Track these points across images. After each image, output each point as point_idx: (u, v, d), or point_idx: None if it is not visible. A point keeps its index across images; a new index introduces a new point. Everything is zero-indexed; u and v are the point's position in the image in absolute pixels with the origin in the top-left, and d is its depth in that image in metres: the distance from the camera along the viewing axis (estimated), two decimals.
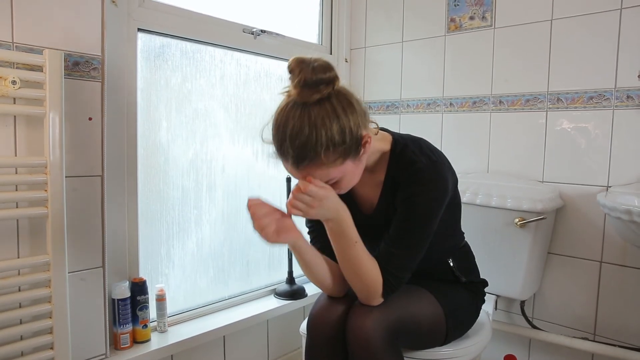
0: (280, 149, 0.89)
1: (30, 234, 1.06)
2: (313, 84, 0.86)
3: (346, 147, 0.87)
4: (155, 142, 1.42)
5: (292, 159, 0.87)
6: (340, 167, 0.89)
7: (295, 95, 0.87)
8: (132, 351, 1.28)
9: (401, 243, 0.99)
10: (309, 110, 0.85)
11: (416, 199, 0.97)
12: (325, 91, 0.87)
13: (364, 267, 0.97)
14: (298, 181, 0.91)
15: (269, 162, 1.74)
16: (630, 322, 1.44)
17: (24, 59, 1.00)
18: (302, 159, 0.86)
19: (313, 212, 0.92)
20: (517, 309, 1.63)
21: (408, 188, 0.97)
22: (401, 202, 0.99)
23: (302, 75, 0.86)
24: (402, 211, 0.99)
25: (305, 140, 0.84)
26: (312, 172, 0.88)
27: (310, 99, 0.86)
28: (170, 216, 1.48)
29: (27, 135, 1.04)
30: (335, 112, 0.86)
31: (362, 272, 0.97)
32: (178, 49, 1.46)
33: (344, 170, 0.90)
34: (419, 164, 0.97)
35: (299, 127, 0.85)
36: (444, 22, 1.76)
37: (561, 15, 1.50)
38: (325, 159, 0.86)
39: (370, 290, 0.98)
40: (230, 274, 1.67)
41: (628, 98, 1.40)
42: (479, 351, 1.16)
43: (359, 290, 0.99)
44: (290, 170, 0.91)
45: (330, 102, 0.87)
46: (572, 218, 1.51)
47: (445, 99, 1.78)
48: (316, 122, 0.84)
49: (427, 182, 0.97)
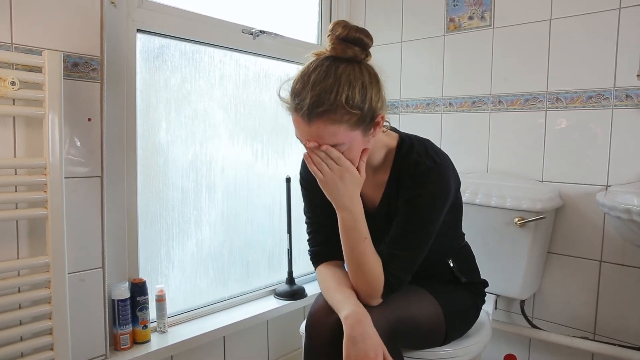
0: (298, 95, 0.86)
1: (30, 235, 1.06)
2: (351, 41, 0.88)
3: (363, 112, 0.86)
4: (155, 143, 1.42)
5: (308, 105, 0.84)
6: (350, 132, 0.87)
7: (329, 50, 0.89)
8: (132, 352, 1.28)
9: (402, 244, 0.99)
10: (338, 64, 0.87)
11: (418, 200, 0.97)
12: (360, 55, 0.89)
13: (369, 264, 0.97)
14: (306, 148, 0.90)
15: (268, 163, 1.75)
16: (630, 321, 1.44)
17: (23, 60, 1.00)
18: (318, 105, 0.83)
19: (333, 182, 0.91)
20: (517, 309, 1.63)
21: (411, 189, 0.97)
22: (403, 203, 0.99)
23: (344, 30, 0.88)
24: (404, 212, 0.99)
25: (326, 87, 0.84)
26: (324, 127, 0.85)
27: (343, 53, 0.88)
28: (170, 217, 1.48)
29: (26, 136, 1.04)
30: (362, 76, 0.87)
31: (367, 269, 0.97)
32: (177, 50, 1.46)
33: (352, 139, 0.88)
34: (422, 166, 0.97)
35: (324, 75, 0.85)
36: (443, 22, 1.77)
37: (560, 15, 1.50)
38: (340, 114, 0.84)
39: (372, 289, 0.98)
40: (230, 274, 1.67)
41: (627, 97, 1.40)
42: (479, 351, 1.16)
43: (361, 288, 0.99)
44: (300, 124, 0.88)
45: (359, 67, 0.88)
46: (571, 217, 1.51)
47: (445, 99, 1.78)
48: (342, 76, 0.85)
49: (430, 184, 0.97)
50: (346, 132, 0.87)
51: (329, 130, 0.86)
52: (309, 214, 1.14)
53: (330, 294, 1.01)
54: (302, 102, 0.85)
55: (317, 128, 0.86)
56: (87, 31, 1.12)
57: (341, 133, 0.87)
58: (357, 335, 0.89)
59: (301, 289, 1.74)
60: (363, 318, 0.91)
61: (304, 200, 1.15)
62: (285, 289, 1.73)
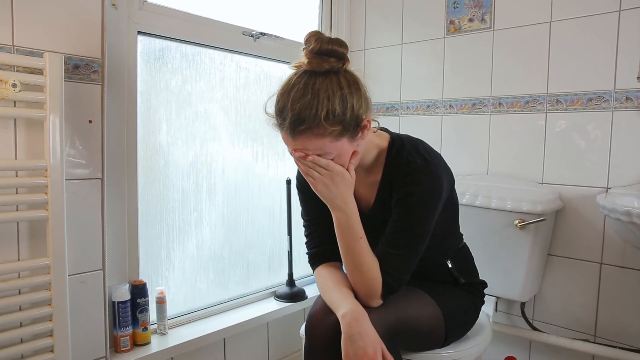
0: (280, 114, 0.88)
1: (31, 236, 1.06)
2: (325, 53, 0.88)
3: (345, 122, 0.87)
4: (155, 144, 1.43)
5: (289, 123, 0.85)
6: (336, 143, 0.88)
7: (306, 64, 0.89)
8: (132, 354, 1.28)
9: (398, 244, 0.99)
10: (315, 79, 0.87)
11: (411, 199, 0.97)
12: (336, 65, 0.89)
13: (366, 264, 0.97)
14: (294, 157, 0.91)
15: (269, 164, 1.75)
16: (630, 323, 1.43)
17: (25, 62, 1.01)
18: (300, 123, 0.85)
19: (324, 186, 0.93)
20: (517, 311, 1.63)
21: (403, 188, 0.98)
22: (396, 203, 0.99)
23: (317, 44, 0.88)
24: (398, 212, 0.99)
25: (306, 104, 0.84)
26: (308, 141, 0.87)
27: (319, 67, 0.88)
28: (170, 219, 1.48)
29: (27, 138, 1.04)
30: (340, 85, 0.87)
31: (364, 268, 0.97)
32: (178, 52, 1.46)
33: (339, 147, 0.90)
34: (414, 164, 0.97)
35: (302, 91, 0.86)
36: (443, 24, 1.77)
37: (560, 17, 1.50)
38: (323, 128, 0.85)
39: (369, 289, 0.98)
40: (231, 276, 1.67)
41: (627, 99, 1.40)
42: (480, 353, 1.16)
43: (359, 288, 0.99)
44: (286, 139, 0.90)
45: (337, 77, 0.88)
46: (571, 219, 1.51)
47: (445, 101, 1.78)
48: (319, 90, 0.86)
49: (422, 182, 0.97)
50: (332, 143, 0.88)
51: (314, 144, 0.88)
52: (306, 217, 1.15)
53: (328, 293, 1.01)
54: (284, 122, 0.87)
55: (302, 143, 0.88)
56: (88, 33, 1.12)
57: (327, 145, 0.88)
58: (354, 333, 0.89)
59: (301, 291, 1.74)
60: (360, 316, 0.91)
61: (300, 203, 1.16)
62: (286, 291, 1.73)
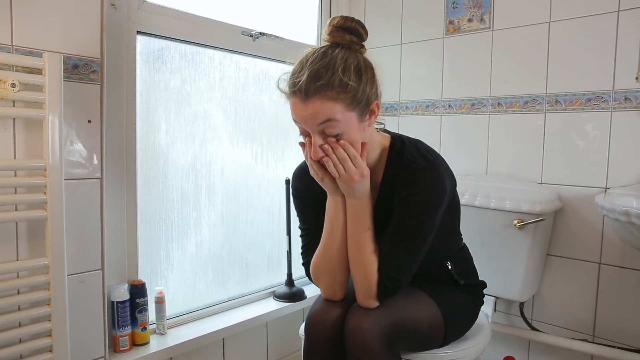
0: (295, 75, 0.89)
1: (29, 236, 1.06)
2: (347, 29, 0.92)
3: (358, 95, 0.89)
4: (155, 144, 1.43)
5: (305, 80, 0.86)
6: (346, 114, 0.88)
7: (327, 39, 0.93)
8: (131, 354, 1.28)
9: (399, 244, 0.98)
10: (335, 49, 0.91)
11: (414, 199, 0.97)
12: (355, 43, 0.93)
13: (368, 257, 0.98)
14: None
15: (268, 164, 1.75)
16: (629, 323, 1.44)
17: (24, 62, 1.00)
18: (315, 80, 0.86)
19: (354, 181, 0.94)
20: (516, 311, 1.63)
21: (405, 189, 0.97)
22: (399, 203, 0.99)
23: (341, 20, 0.92)
24: (400, 212, 0.98)
25: (323, 65, 0.87)
26: (320, 104, 0.86)
27: (341, 39, 0.92)
28: (169, 219, 1.48)
29: (26, 137, 1.04)
30: (357, 59, 0.91)
31: (366, 261, 0.98)
32: (177, 52, 1.46)
33: (348, 121, 0.89)
34: (415, 165, 0.97)
35: (321, 56, 0.89)
36: (442, 25, 1.77)
37: (559, 18, 1.50)
38: (337, 91, 0.86)
39: (368, 286, 0.97)
40: (230, 276, 1.67)
41: (626, 100, 1.40)
42: (478, 353, 1.16)
43: (359, 284, 0.99)
44: (297, 105, 0.89)
45: (355, 53, 0.92)
46: (570, 220, 1.52)
47: (444, 101, 1.78)
48: (338, 56, 0.89)
49: (425, 182, 0.96)
50: (342, 112, 0.88)
51: (326, 107, 0.87)
52: (303, 226, 1.14)
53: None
54: (299, 79, 0.87)
55: (313, 106, 0.87)
56: (88, 33, 1.12)
57: (338, 112, 0.87)
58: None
59: (300, 291, 1.74)
60: None
61: (297, 211, 1.14)
62: (285, 291, 1.73)
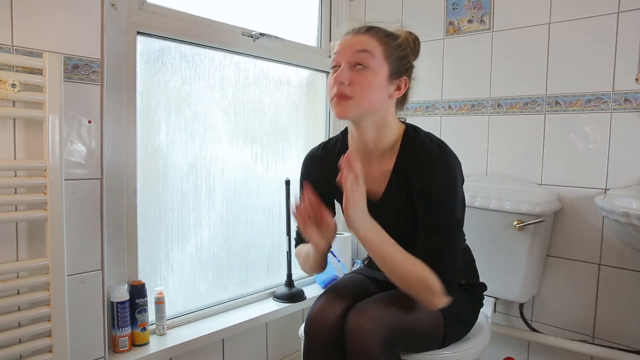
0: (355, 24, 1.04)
1: (29, 236, 1.06)
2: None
3: (396, 54, 1.02)
4: (155, 145, 1.43)
5: (361, 25, 1.03)
6: (381, 58, 0.99)
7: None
8: (130, 354, 1.28)
9: (437, 234, 0.97)
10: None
11: (434, 186, 0.98)
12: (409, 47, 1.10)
13: (412, 269, 0.95)
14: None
15: (268, 165, 1.75)
16: (628, 324, 1.44)
17: (24, 62, 1.00)
18: (369, 28, 1.02)
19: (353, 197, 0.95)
20: (516, 312, 1.63)
21: (422, 177, 0.99)
22: (419, 194, 0.99)
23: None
24: (425, 204, 0.99)
25: (378, 23, 1.05)
26: (365, 38, 1.00)
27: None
28: (169, 219, 1.48)
29: (26, 138, 1.04)
30: (407, 47, 1.07)
31: (414, 275, 0.95)
32: (177, 52, 1.46)
33: (379, 62, 0.99)
34: (430, 151, 1.00)
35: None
36: (442, 25, 1.77)
37: (559, 19, 1.51)
38: (383, 37, 1.01)
39: (431, 289, 0.94)
40: (229, 277, 1.67)
41: (626, 101, 1.40)
42: (478, 354, 1.16)
43: (420, 294, 0.96)
44: (344, 41, 1.01)
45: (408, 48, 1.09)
46: (570, 221, 1.52)
47: (444, 102, 1.78)
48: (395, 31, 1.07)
49: (441, 168, 0.99)
50: (379, 54, 0.99)
51: (369, 42, 0.99)
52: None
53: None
54: (353, 29, 1.02)
55: (360, 38, 1.00)
56: (88, 33, 1.12)
57: (376, 51, 0.99)
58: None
59: (300, 292, 1.74)
60: None
61: (300, 190, 1.18)
62: (285, 292, 1.73)
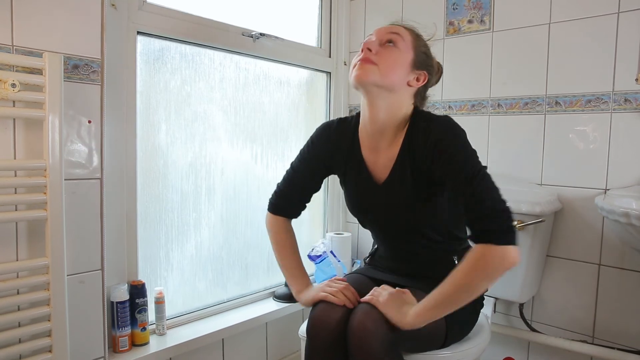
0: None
1: (29, 236, 1.06)
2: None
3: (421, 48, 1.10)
4: (155, 145, 1.43)
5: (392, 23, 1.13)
6: (409, 45, 1.08)
7: None
8: (130, 354, 1.28)
9: (475, 193, 0.93)
10: None
11: (444, 143, 1.01)
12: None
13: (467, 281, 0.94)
14: None
15: (268, 165, 1.75)
16: (628, 324, 1.44)
17: (24, 62, 1.00)
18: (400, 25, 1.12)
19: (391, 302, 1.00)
20: (516, 312, 1.63)
21: (429, 139, 1.02)
22: (434, 159, 1.01)
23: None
24: (443, 165, 0.99)
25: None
26: (397, 27, 1.10)
27: None
28: (169, 219, 1.48)
29: (26, 138, 1.04)
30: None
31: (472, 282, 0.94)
32: (177, 52, 1.46)
33: (406, 46, 1.07)
34: (434, 117, 1.06)
35: None
36: (442, 26, 1.77)
37: (559, 19, 1.51)
38: (412, 29, 1.13)
39: (490, 267, 0.93)
40: (229, 277, 1.67)
41: (626, 101, 1.40)
42: (478, 354, 1.16)
43: (494, 278, 0.95)
44: (379, 27, 1.11)
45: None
46: (570, 221, 1.52)
47: (444, 102, 1.78)
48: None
49: (444, 125, 1.04)
50: (408, 41, 1.08)
51: (401, 29, 1.09)
52: (294, 167, 1.22)
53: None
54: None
55: (392, 27, 1.10)
56: (88, 33, 1.12)
57: (406, 37, 1.08)
58: None
59: None
60: None
61: (300, 155, 1.22)
62: (284, 292, 1.72)
